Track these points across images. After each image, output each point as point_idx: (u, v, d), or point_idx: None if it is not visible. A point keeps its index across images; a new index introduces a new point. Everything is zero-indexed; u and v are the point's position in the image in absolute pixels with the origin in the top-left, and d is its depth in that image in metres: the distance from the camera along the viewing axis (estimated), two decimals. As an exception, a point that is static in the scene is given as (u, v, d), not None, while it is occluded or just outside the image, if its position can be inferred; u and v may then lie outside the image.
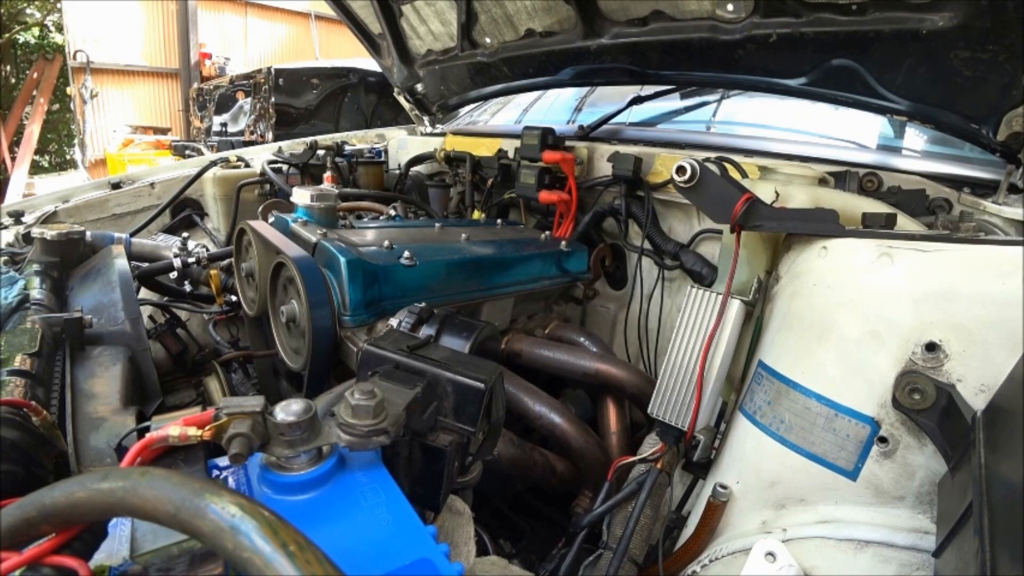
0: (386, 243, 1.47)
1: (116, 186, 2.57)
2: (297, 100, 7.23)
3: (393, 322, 1.27)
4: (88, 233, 1.65)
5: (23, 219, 2.15)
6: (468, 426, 0.90)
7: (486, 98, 2.93)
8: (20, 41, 11.86)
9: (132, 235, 2.08)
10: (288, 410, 0.68)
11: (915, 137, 1.87)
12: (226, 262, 1.96)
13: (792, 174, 1.35)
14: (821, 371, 0.99)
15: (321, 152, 2.77)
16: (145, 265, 1.93)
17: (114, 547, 0.58)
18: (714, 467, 1.20)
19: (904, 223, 1.21)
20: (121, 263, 1.42)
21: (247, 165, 2.86)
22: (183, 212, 2.68)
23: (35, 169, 11.05)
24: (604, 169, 2.10)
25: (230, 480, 0.73)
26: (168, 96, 11.85)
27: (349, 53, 8.74)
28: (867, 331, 0.94)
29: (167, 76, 11.75)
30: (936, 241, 0.93)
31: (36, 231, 1.51)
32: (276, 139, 6.03)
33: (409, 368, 0.92)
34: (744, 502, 1.07)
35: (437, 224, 1.86)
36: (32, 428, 0.72)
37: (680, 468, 1.27)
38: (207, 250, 2.02)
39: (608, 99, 2.66)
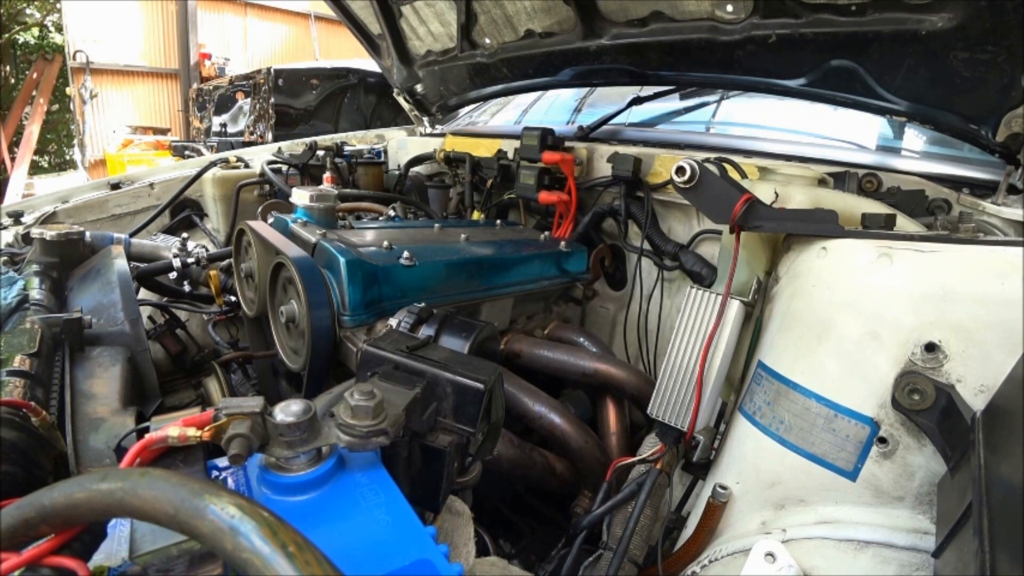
0: (385, 243, 1.47)
1: (115, 187, 2.57)
2: (297, 101, 7.24)
3: (392, 322, 1.26)
4: (87, 233, 1.64)
5: (23, 219, 2.14)
6: (468, 426, 0.90)
7: (486, 99, 2.93)
8: (20, 41, 11.86)
9: (131, 235, 2.08)
10: (287, 411, 0.68)
11: (914, 138, 1.87)
12: (226, 262, 1.96)
13: (791, 175, 1.35)
14: (821, 371, 0.99)
15: (321, 153, 2.76)
16: (144, 265, 1.93)
17: (113, 548, 0.58)
18: (714, 467, 1.20)
19: (903, 224, 1.21)
20: (120, 263, 1.42)
21: (247, 166, 2.86)
22: (183, 212, 2.67)
23: (35, 169, 11.06)
24: (604, 170, 2.10)
25: (229, 481, 0.72)
26: (168, 96, 11.85)
27: (349, 53, 8.75)
28: (866, 331, 0.94)
29: (167, 76, 11.75)
30: (935, 242, 0.93)
31: (36, 231, 1.51)
32: (276, 140, 6.03)
33: (408, 368, 0.91)
34: (744, 503, 1.07)
35: (436, 225, 1.86)
36: (31, 429, 0.72)
37: (680, 468, 1.27)
38: (207, 250, 2.02)
39: (608, 99, 2.66)
